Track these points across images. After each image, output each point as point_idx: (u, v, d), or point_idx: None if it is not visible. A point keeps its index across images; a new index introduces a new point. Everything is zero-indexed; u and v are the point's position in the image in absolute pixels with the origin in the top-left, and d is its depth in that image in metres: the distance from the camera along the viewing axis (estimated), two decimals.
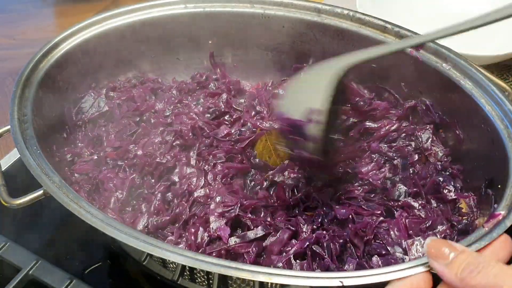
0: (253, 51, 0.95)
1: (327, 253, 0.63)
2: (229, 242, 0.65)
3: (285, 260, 0.62)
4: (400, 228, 0.65)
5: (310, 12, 0.88)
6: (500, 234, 0.53)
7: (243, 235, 0.66)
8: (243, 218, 0.68)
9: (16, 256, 0.69)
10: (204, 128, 0.83)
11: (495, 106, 0.68)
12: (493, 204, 0.63)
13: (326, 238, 0.64)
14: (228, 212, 0.69)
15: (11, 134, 0.67)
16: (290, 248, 0.63)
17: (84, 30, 0.85)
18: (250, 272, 0.51)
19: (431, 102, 0.79)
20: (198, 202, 0.72)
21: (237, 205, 0.69)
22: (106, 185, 0.75)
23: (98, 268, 0.77)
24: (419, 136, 0.79)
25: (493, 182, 0.66)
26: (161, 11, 0.91)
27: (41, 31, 1.34)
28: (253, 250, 0.64)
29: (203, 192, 0.73)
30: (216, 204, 0.70)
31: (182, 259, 0.52)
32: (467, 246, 0.52)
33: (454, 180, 0.72)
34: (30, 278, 0.67)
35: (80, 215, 0.57)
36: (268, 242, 0.65)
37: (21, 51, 1.24)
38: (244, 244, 0.65)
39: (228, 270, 0.51)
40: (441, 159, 0.77)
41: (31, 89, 0.75)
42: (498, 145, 0.66)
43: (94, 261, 0.78)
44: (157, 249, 0.53)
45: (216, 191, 0.72)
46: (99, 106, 0.87)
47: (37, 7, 1.45)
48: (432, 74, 0.77)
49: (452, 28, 0.59)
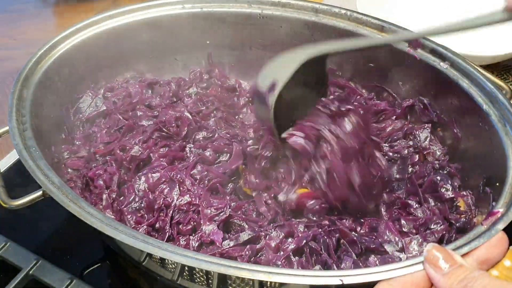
0: (251, 51, 0.95)
1: (324, 249, 0.63)
2: (222, 246, 0.65)
3: (283, 258, 0.62)
4: (392, 228, 0.65)
5: (307, 12, 0.88)
6: (499, 231, 0.53)
7: (236, 237, 0.66)
8: (235, 218, 0.68)
9: (16, 256, 0.69)
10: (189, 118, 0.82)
11: (493, 105, 0.69)
12: (492, 202, 0.63)
13: (322, 234, 0.64)
14: (218, 215, 0.68)
15: (10, 135, 0.67)
16: (288, 246, 0.63)
17: (82, 31, 0.85)
18: (249, 271, 0.51)
19: (428, 101, 0.80)
20: (180, 210, 0.70)
21: (226, 207, 0.68)
22: (96, 182, 0.75)
23: (98, 268, 0.77)
24: (417, 135, 0.79)
25: (491, 180, 0.66)
26: (159, 12, 0.91)
27: (41, 31, 1.34)
28: (246, 253, 0.64)
29: (185, 200, 0.71)
30: (204, 207, 0.69)
31: (182, 259, 0.52)
32: (465, 243, 0.53)
33: (452, 179, 0.72)
34: (30, 278, 0.67)
35: (80, 215, 0.57)
36: (263, 242, 0.65)
37: (21, 51, 1.24)
38: (238, 248, 0.64)
39: (228, 269, 0.51)
40: (439, 157, 0.77)
41: (29, 90, 0.75)
42: (496, 143, 0.66)
43: (93, 262, 0.78)
44: (157, 249, 0.53)
45: (199, 196, 0.71)
46: (96, 105, 0.87)
47: (37, 7, 1.45)
48: (429, 73, 0.78)
49: (437, 29, 0.63)
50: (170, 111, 0.82)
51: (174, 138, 0.80)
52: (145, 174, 0.73)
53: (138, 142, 0.78)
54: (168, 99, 0.88)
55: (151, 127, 0.80)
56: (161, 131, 0.80)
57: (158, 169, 0.74)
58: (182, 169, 0.74)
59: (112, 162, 0.77)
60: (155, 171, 0.74)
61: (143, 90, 0.90)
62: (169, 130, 0.80)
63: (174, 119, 0.81)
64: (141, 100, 0.87)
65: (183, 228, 0.68)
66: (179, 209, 0.70)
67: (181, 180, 0.72)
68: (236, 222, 0.68)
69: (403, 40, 0.79)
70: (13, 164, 0.87)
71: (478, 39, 0.82)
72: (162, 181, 0.72)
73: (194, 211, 0.69)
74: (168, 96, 0.89)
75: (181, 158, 0.77)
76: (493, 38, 1.00)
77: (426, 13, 1.18)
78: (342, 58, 0.89)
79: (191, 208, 0.69)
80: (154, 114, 0.84)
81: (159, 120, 0.81)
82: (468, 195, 0.70)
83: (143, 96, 0.88)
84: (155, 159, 0.76)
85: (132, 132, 0.81)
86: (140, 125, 0.82)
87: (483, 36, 0.80)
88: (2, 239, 0.71)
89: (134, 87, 0.90)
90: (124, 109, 0.85)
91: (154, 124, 0.81)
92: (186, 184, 0.72)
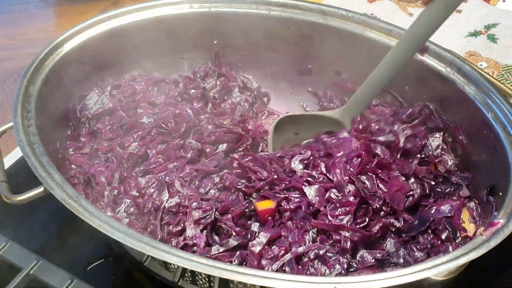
0: (258, 51, 0.95)
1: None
2: (212, 251, 0.64)
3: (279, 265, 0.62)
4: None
5: (315, 13, 0.87)
6: (498, 243, 0.52)
7: (225, 242, 0.65)
8: (222, 223, 0.68)
9: (16, 256, 0.69)
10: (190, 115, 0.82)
11: (498, 113, 0.68)
12: (494, 211, 0.63)
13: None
14: (204, 218, 0.68)
15: (14, 131, 0.67)
16: (285, 252, 0.63)
17: (90, 29, 0.86)
18: (253, 276, 0.51)
19: (434, 106, 0.79)
20: (170, 212, 0.70)
21: (212, 210, 0.68)
22: (97, 179, 0.75)
23: (101, 265, 0.77)
24: (428, 144, 0.77)
25: (495, 189, 0.66)
26: (167, 11, 0.91)
27: (42, 31, 1.35)
28: (235, 260, 0.63)
29: (174, 202, 0.71)
30: (192, 209, 0.69)
31: (184, 261, 0.52)
32: (464, 254, 0.52)
33: (460, 189, 0.71)
34: (31, 278, 0.67)
35: (79, 213, 0.57)
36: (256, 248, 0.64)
37: (22, 51, 1.25)
38: (227, 254, 0.64)
39: (232, 275, 0.51)
40: (450, 168, 0.75)
41: (35, 86, 0.75)
42: (500, 152, 0.65)
43: (96, 258, 0.77)
44: (155, 250, 0.53)
45: (188, 197, 0.71)
46: (103, 102, 0.87)
47: (38, 8, 1.45)
48: (436, 78, 0.77)
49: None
50: (171, 108, 0.82)
51: (172, 135, 0.80)
52: (134, 178, 0.74)
53: (136, 138, 0.78)
54: (173, 98, 0.88)
55: (151, 124, 0.80)
56: (160, 127, 0.80)
57: (153, 165, 0.75)
58: (173, 169, 0.74)
59: (114, 159, 0.77)
60: (150, 169, 0.74)
61: (149, 87, 0.90)
62: (168, 126, 0.80)
63: (173, 116, 0.81)
64: (144, 98, 0.87)
65: (173, 229, 0.68)
66: (168, 211, 0.70)
67: (169, 182, 0.72)
68: (223, 227, 0.68)
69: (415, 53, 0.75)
70: (18, 161, 0.87)
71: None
72: (150, 184, 0.72)
73: (184, 212, 0.69)
74: (173, 95, 0.89)
75: (179, 156, 0.77)
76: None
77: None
78: (348, 61, 0.88)
79: (181, 209, 0.69)
80: (155, 112, 0.84)
81: (159, 117, 0.81)
82: (473, 206, 0.69)
83: (147, 93, 0.88)
84: (152, 155, 0.76)
85: (134, 129, 0.81)
86: (141, 122, 0.82)
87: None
88: (2, 239, 0.71)
89: (140, 84, 0.90)
90: (128, 106, 0.86)
91: (154, 121, 0.81)
92: (175, 185, 0.72)
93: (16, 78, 0.74)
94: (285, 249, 0.63)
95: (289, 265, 0.61)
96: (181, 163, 0.75)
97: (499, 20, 1.06)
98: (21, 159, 0.87)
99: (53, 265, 0.68)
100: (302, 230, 0.64)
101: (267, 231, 0.65)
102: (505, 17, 1.07)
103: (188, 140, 0.79)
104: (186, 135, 0.80)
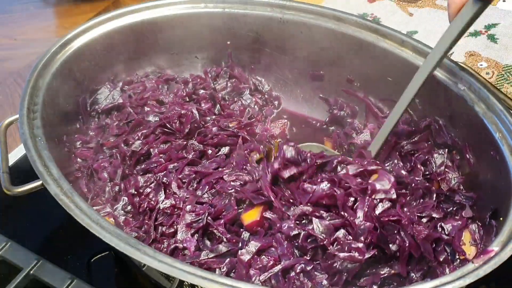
0: (270, 54, 0.94)
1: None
2: (201, 256, 0.64)
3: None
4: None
5: (329, 19, 0.86)
6: (488, 272, 0.50)
7: (215, 248, 0.65)
8: (214, 228, 0.67)
9: (17, 256, 0.69)
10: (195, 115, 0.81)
11: (507, 134, 0.65)
12: (493, 236, 0.60)
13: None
14: (196, 222, 0.67)
15: (18, 123, 0.68)
16: (274, 262, 0.62)
17: (103, 24, 0.86)
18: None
19: (444, 122, 0.76)
20: (164, 213, 0.70)
21: (205, 214, 0.67)
22: (100, 174, 0.76)
23: (105, 257, 0.77)
24: (432, 161, 0.75)
25: (497, 213, 0.63)
26: (181, 9, 0.91)
27: (42, 32, 1.35)
28: (224, 267, 0.63)
29: (168, 203, 0.71)
30: (186, 212, 0.68)
31: (165, 267, 0.51)
32: (452, 281, 0.50)
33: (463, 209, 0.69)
34: (31, 278, 0.67)
35: (69, 210, 0.57)
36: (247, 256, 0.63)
37: (22, 51, 1.25)
38: (217, 260, 0.63)
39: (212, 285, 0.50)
40: (454, 186, 0.72)
41: (45, 79, 0.75)
42: (505, 175, 0.63)
43: (100, 251, 0.78)
44: (138, 253, 0.53)
45: (183, 199, 0.70)
46: (114, 98, 0.88)
47: (38, 8, 1.44)
48: (446, 93, 0.74)
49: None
50: (177, 108, 0.82)
51: (176, 135, 0.80)
52: (135, 176, 0.74)
53: (141, 136, 0.79)
54: (181, 97, 0.88)
55: (156, 123, 0.80)
56: (164, 126, 0.80)
57: (154, 165, 0.75)
58: (172, 170, 0.74)
59: (118, 155, 0.78)
60: (151, 168, 0.74)
61: (159, 85, 0.91)
62: (172, 126, 0.80)
63: (178, 116, 0.80)
64: (153, 96, 0.87)
65: (166, 231, 0.68)
66: (163, 212, 0.70)
67: (167, 182, 0.72)
68: (215, 232, 0.67)
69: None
70: (24, 154, 0.87)
71: None
72: (149, 183, 0.73)
73: (178, 214, 0.69)
74: (181, 95, 0.89)
75: (180, 157, 0.77)
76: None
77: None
78: (360, 69, 0.87)
79: (175, 211, 0.69)
80: (161, 110, 0.84)
81: (164, 116, 0.81)
82: (475, 228, 0.66)
83: (156, 91, 0.89)
84: (154, 154, 0.77)
85: (140, 127, 0.82)
86: (147, 121, 0.82)
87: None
88: (2, 239, 0.70)
89: (150, 82, 0.90)
90: (137, 103, 0.86)
91: (159, 120, 0.81)
92: (172, 187, 0.72)
93: (16, 78, 0.74)
94: (274, 259, 0.62)
95: (275, 278, 0.60)
96: (181, 164, 0.75)
97: (499, 20, 1.03)
98: (25, 154, 0.89)
99: (53, 265, 0.68)
100: (291, 244, 0.63)
101: (257, 241, 0.64)
102: (505, 17, 1.04)
103: (191, 141, 0.79)
104: (190, 136, 0.80)
